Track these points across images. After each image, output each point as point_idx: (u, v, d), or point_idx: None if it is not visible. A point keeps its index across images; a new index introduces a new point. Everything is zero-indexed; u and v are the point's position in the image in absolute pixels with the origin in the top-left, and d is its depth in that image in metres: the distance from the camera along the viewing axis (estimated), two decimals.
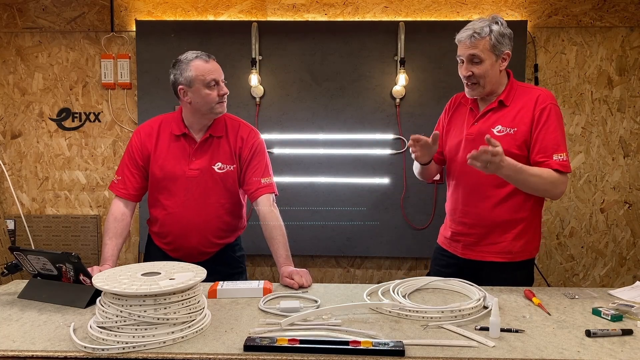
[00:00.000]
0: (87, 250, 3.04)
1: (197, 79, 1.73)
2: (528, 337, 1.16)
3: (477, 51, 1.64)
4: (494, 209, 1.70)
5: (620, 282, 2.98)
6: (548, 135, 1.62)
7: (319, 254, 3.01)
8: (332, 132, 2.92)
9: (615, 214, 2.97)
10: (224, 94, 1.77)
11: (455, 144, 1.80)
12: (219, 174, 1.82)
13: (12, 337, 1.15)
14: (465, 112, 1.80)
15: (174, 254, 1.89)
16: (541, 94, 1.67)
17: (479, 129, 1.71)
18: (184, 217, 1.83)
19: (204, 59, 1.75)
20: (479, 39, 1.63)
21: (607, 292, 1.56)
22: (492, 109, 1.71)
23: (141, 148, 1.85)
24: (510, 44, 1.69)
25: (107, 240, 1.78)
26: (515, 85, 1.73)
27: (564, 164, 1.60)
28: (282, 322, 1.20)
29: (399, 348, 1.06)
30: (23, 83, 3.03)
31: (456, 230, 1.80)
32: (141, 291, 1.10)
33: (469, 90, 1.72)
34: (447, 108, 1.91)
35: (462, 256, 1.78)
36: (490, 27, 1.63)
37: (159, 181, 1.84)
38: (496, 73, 1.68)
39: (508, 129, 1.66)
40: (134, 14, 2.98)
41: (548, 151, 1.61)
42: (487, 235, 1.72)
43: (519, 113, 1.67)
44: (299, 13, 2.96)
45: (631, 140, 2.93)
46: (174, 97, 1.85)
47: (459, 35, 1.69)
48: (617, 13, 2.89)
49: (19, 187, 3.08)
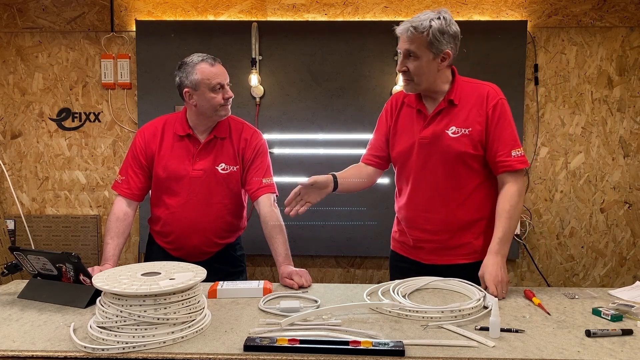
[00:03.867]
0: (87, 250, 3.04)
1: (202, 82, 1.74)
2: (528, 337, 1.16)
3: (412, 47, 1.57)
4: (456, 211, 1.66)
5: (620, 282, 2.98)
6: (504, 132, 1.60)
7: (319, 254, 3.01)
8: (332, 132, 2.92)
9: (615, 214, 2.97)
10: (228, 98, 1.78)
11: (407, 148, 1.71)
12: (223, 174, 1.83)
13: (12, 337, 1.15)
14: (413, 113, 1.72)
15: (175, 252, 1.90)
16: (490, 90, 1.63)
17: (432, 132, 1.65)
18: (186, 216, 1.83)
19: (209, 63, 1.76)
20: (416, 34, 1.55)
21: (607, 292, 1.56)
22: (442, 110, 1.66)
23: (145, 148, 1.85)
24: (454, 42, 1.59)
25: (109, 239, 1.79)
26: (460, 83, 1.67)
27: (522, 159, 1.60)
28: (282, 322, 1.20)
29: (399, 348, 1.06)
30: (23, 83, 3.03)
31: (418, 237, 1.73)
32: (141, 291, 1.10)
33: (404, 85, 1.67)
34: (388, 108, 1.82)
35: (426, 262, 1.73)
36: (430, 23, 1.54)
37: (163, 181, 1.84)
38: (433, 71, 1.60)
39: (463, 130, 1.62)
40: (134, 14, 2.98)
41: (506, 148, 1.59)
42: (451, 239, 1.68)
43: (471, 112, 1.63)
44: (299, 13, 2.96)
45: (631, 140, 2.93)
46: (173, 97, 1.86)
47: (399, 27, 1.60)
48: (617, 13, 2.89)
49: (19, 187, 3.08)
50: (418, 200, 1.71)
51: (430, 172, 1.67)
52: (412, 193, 1.72)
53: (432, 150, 1.66)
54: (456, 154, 1.62)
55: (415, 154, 1.69)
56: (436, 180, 1.66)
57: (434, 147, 1.65)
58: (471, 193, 1.66)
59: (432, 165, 1.66)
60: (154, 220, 1.93)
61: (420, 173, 1.69)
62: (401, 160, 1.75)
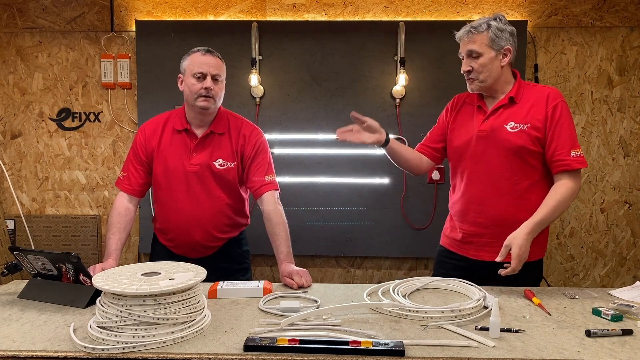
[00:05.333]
0: (87, 250, 3.04)
1: (188, 68, 1.79)
2: (528, 337, 1.16)
3: (474, 46, 1.66)
4: (509, 207, 1.68)
5: (620, 282, 2.98)
6: (563, 132, 1.62)
7: (319, 254, 3.01)
8: (332, 132, 2.91)
9: (615, 214, 2.97)
10: (206, 88, 1.75)
11: (465, 141, 1.76)
12: (219, 170, 1.83)
13: (12, 337, 1.15)
14: (473, 110, 1.79)
15: (177, 250, 1.90)
16: (551, 92, 1.67)
17: (491, 125, 1.70)
18: (186, 211, 1.84)
19: (202, 52, 1.80)
20: (476, 34, 1.66)
21: (607, 292, 1.56)
22: (502, 106, 1.70)
23: (145, 144, 1.87)
24: (512, 39, 1.69)
25: (111, 234, 1.79)
26: (523, 84, 1.73)
27: (581, 159, 1.61)
28: (282, 322, 1.20)
29: (399, 348, 1.06)
30: (23, 83, 3.03)
31: (469, 231, 1.76)
32: (141, 291, 1.10)
33: (469, 84, 1.73)
34: (449, 107, 1.89)
35: (473, 258, 1.75)
36: (488, 23, 1.66)
37: (162, 176, 1.85)
38: (497, 68, 1.68)
39: (521, 125, 1.65)
40: (134, 14, 2.98)
41: (566, 147, 1.61)
42: (502, 235, 1.66)
43: (530, 110, 1.66)
44: (299, 13, 2.96)
45: (631, 140, 2.93)
46: (173, 97, 1.86)
47: (459, 32, 1.71)
48: (617, 13, 2.89)
49: (18, 187, 3.08)
50: (472, 193, 1.75)
51: (487, 165, 1.70)
52: (467, 187, 1.76)
53: (489, 144, 1.69)
54: (513, 148, 1.65)
55: (473, 148, 1.73)
56: (492, 174, 1.68)
57: (491, 140, 1.69)
58: (526, 190, 1.68)
59: (488, 158, 1.70)
60: (156, 217, 1.94)
61: (476, 167, 1.72)
62: (458, 154, 1.80)
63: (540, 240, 1.69)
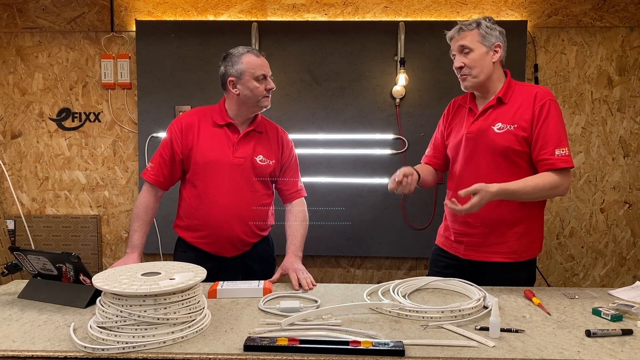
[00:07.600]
0: (87, 250, 3.04)
1: (247, 71, 1.79)
2: (528, 337, 1.16)
3: (466, 41, 1.69)
4: (497, 207, 1.68)
5: (620, 282, 2.98)
6: (549, 130, 1.62)
7: (319, 254, 3.01)
8: (332, 132, 2.92)
9: (615, 214, 2.97)
10: (270, 89, 1.83)
11: (456, 143, 1.80)
12: (260, 165, 1.87)
13: (12, 337, 1.15)
14: (465, 112, 1.81)
15: (211, 248, 1.85)
16: (539, 91, 1.68)
17: (479, 127, 1.72)
18: (227, 204, 1.82)
19: (255, 54, 1.82)
20: (467, 31, 1.70)
21: (607, 292, 1.56)
22: (491, 107, 1.72)
23: (181, 137, 1.85)
24: (502, 38, 1.71)
25: (137, 227, 1.80)
26: (513, 84, 1.74)
27: (566, 159, 1.60)
28: (282, 322, 1.20)
29: (399, 348, 1.06)
30: (23, 83, 3.03)
31: (459, 230, 1.79)
32: (141, 291, 1.10)
33: (462, 82, 1.74)
34: (446, 113, 1.93)
35: (464, 257, 1.77)
36: (477, 22, 1.70)
37: (202, 169, 1.83)
38: (488, 64, 1.69)
39: (508, 126, 1.67)
40: (134, 14, 2.98)
41: (550, 146, 1.61)
42: (491, 235, 1.71)
43: (518, 110, 1.67)
44: (299, 13, 2.96)
45: (631, 140, 2.93)
46: (174, 97, 1.86)
47: (449, 32, 1.75)
48: (617, 13, 2.89)
49: (19, 187, 3.08)
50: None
51: (475, 166, 1.72)
52: (457, 187, 1.76)
53: (477, 145, 1.72)
54: (500, 148, 1.66)
55: (462, 149, 1.76)
56: (479, 174, 1.69)
57: (479, 141, 1.71)
58: None
59: (476, 159, 1.72)
60: (185, 215, 1.88)
61: (466, 167, 1.75)
62: (452, 156, 1.84)
63: (531, 239, 1.71)
